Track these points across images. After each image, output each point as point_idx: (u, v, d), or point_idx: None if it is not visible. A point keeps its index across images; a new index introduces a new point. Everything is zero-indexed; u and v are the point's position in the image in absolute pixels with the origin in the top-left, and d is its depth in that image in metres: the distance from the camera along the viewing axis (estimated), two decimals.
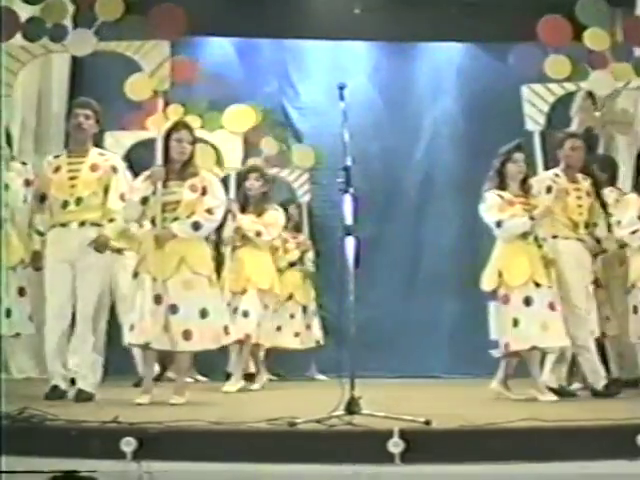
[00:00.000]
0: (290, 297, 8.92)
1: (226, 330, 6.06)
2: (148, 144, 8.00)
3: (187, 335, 5.88)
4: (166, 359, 7.33)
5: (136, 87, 7.77)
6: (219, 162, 9.00)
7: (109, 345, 7.07)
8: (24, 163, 6.89)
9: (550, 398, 6.27)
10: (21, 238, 6.78)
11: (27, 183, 6.61)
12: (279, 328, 8.70)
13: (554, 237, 6.71)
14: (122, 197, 6.17)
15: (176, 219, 6.04)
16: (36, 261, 6.53)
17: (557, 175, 6.86)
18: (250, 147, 9.29)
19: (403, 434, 4.08)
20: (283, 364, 8.97)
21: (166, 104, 8.34)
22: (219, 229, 7.23)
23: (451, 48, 9.94)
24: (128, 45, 6.89)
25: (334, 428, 4.31)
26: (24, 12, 7.19)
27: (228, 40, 9.98)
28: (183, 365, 6.15)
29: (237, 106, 9.20)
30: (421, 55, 10.11)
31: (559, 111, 8.10)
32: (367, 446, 4.14)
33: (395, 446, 4.06)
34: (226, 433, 4.34)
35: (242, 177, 7.84)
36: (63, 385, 6.14)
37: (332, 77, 8.89)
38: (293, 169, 9.59)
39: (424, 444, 4.12)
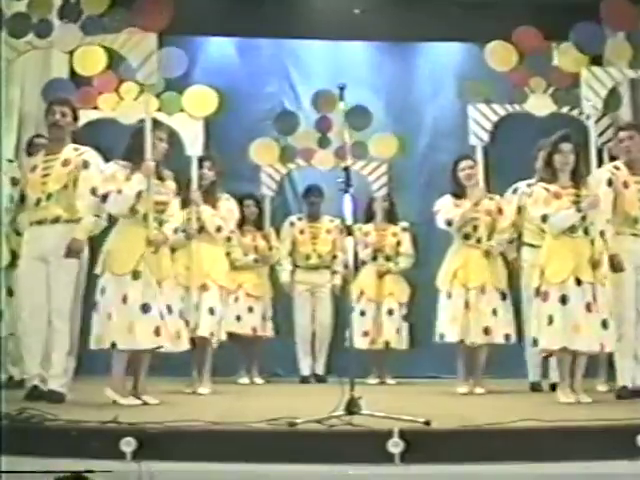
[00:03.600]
0: (361, 294, 8.57)
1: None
2: (100, 125, 8.00)
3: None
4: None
5: (85, 61, 7.67)
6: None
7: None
8: (10, 161, 6.86)
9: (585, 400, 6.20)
10: (6, 238, 6.79)
11: (14, 182, 6.58)
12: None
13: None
14: (93, 191, 6.07)
15: (163, 221, 6.11)
16: (14, 261, 6.51)
17: (617, 168, 6.65)
18: (322, 139, 8.99)
19: (403, 434, 4.08)
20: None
21: (119, 82, 8.28)
22: None
23: (451, 48, 9.94)
24: (114, 39, 6.85)
25: (334, 428, 4.32)
26: (8, 9, 7.15)
27: (228, 40, 9.98)
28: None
29: (199, 87, 8.43)
30: (421, 55, 10.11)
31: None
32: (367, 446, 4.14)
33: (395, 446, 4.06)
34: (226, 433, 4.34)
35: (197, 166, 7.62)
36: (42, 385, 6.08)
37: (332, 77, 8.88)
38: (369, 161, 8.96)
39: (424, 444, 4.12)
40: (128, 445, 4.08)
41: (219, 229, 7.37)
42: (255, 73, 9.87)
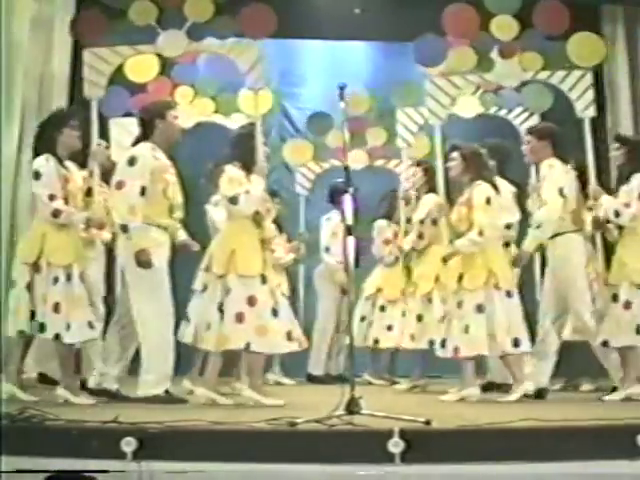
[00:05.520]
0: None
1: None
2: None
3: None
4: None
5: (138, 68, 7.68)
6: None
7: None
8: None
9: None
10: None
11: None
12: (390, 327, 8.35)
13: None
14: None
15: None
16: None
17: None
18: (354, 138, 9.01)
19: (403, 434, 4.08)
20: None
21: (174, 86, 8.33)
22: None
23: None
24: (221, 45, 6.89)
25: (334, 428, 4.32)
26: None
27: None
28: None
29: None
30: None
31: None
32: (367, 446, 4.14)
33: (395, 446, 4.06)
34: (226, 433, 4.34)
35: None
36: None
37: (332, 77, 8.88)
38: (402, 160, 8.83)
39: (424, 444, 4.12)
40: (128, 445, 4.08)
41: None
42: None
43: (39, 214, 6.01)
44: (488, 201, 6.42)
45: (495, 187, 6.52)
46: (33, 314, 5.88)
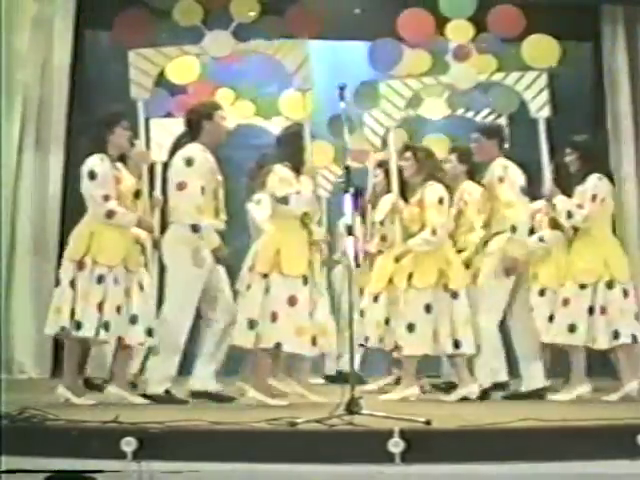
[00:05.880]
0: None
1: None
2: None
3: None
4: None
5: (180, 70, 7.63)
6: None
7: None
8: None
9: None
10: None
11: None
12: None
13: None
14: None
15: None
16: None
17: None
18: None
19: (403, 434, 4.08)
20: None
21: (215, 88, 8.30)
22: None
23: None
24: (267, 45, 6.89)
25: (334, 428, 4.32)
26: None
27: None
28: None
29: (294, 91, 8.58)
30: None
31: None
32: (367, 446, 4.14)
33: (395, 446, 4.06)
34: (226, 433, 4.34)
35: None
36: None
37: (332, 77, 8.86)
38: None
39: (424, 444, 4.12)
40: (129, 445, 4.08)
41: None
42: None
43: (91, 214, 5.92)
44: (441, 201, 6.41)
45: (448, 188, 6.51)
46: (73, 312, 5.79)
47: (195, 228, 5.93)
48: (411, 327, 6.27)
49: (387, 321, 6.67)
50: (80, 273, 5.80)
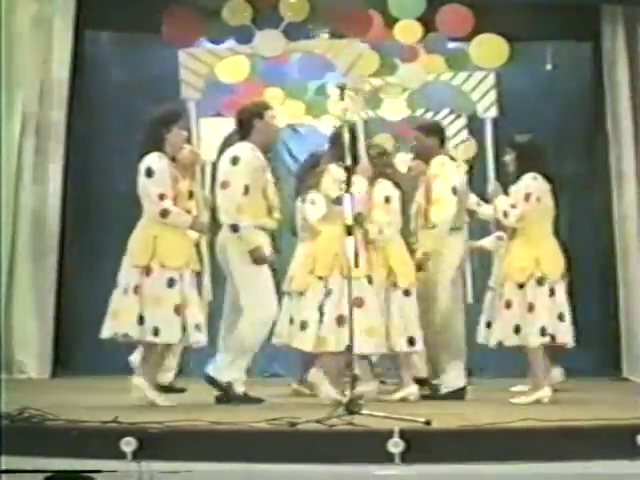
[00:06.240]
0: None
1: None
2: None
3: None
4: None
5: (230, 69, 7.64)
6: None
7: None
8: None
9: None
10: None
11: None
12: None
13: None
14: None
15: None
16: None
17: None
18: (400, 142, 8.70)
19: (403, 434, 4.08)
20: None
21: (264, 88, 8.28)
22: None
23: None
24: (318, 44, 6.87)
25: (334, 428, 4.32)
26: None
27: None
28: None
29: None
30: None
31: None
32: (367, 446, 4.14)
33: (395, 446, 4.06)
34: (226, 433, 4.34)
35: None
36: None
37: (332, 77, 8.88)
38: None
39: (424, 444, 4.12)
40: (128, 445, 4.08)
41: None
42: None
43: (147, 213, 5.86)
44: (387, 200, 6.39)
45: (398, 186, 6.45)
46: (141, 318, 5.68)
47: (234, 228, 5.89)
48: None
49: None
50: (147, 279, 5.69)
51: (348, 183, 5.05)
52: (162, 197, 5.77)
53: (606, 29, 8.78)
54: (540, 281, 6.14)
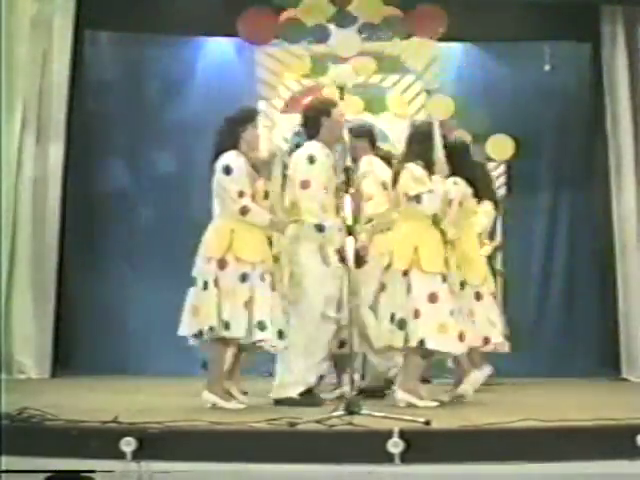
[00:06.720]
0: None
1: None
2: None
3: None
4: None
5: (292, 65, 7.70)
6: None
7: None
8: None
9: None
10: None
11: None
12: None
13: None
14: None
15: None
16: None
17: None
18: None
19: (403, 434, 4.08)
20: None
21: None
22: None
23: (451, 48, 9.93)
24: (393, 45, 6.88)
25: (334, 428, 4.32)
26: None
27: (227, 40, 9.96)
28: None
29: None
30: None
31: None
32: (367, 446, 4.14)
33: (395, 446, 4.07)
34: (226, 433, 4.34)
35: None
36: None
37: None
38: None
39: (424, 444, 4.13)
40: (128, 445, 4.08)
41: None
42: (254, 73, 9.86)
43: (226, 210, 5.78)
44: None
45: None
46: (219, 312, 5.57)
47: (320, 228, 5.84)
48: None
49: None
50: (222, 272, 5.61)
51: (348, 183, 5.04)
52: (241, 194, 5.70)
53: (606, 29, 8.77)
54: (462, 284, 6.21)
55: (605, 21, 8.79)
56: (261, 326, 5.58)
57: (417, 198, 5.90)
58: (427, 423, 4.36)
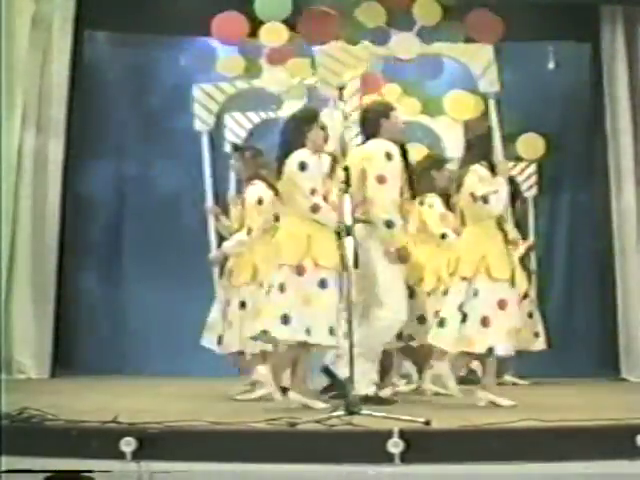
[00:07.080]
0: (525, 296, 7.85)
1: None
2: None
3: None
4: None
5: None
6: None
7: None
8: None
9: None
10: None
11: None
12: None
13: None
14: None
15: None
16: None
17: None
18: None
19: (403, 434, 4.08)
20: None
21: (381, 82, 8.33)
22: None
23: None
24: (452, 48, 6.92)
25: (334, 428, 4.32)
26: None
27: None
28: None
29: (459, 91, 8.44)
30: None
31: None
32: (367, 446, 4.13)
33: (395, 446, 4.06)
34: (226, 433, 4.34)
35: None
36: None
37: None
38: (516, 161, 8.61)
39: (424, 444, 4.12)
40: (128, 445, 4.07)
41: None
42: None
43: (295, 208, 5.70)
44: (260, 201, 6.42)
45: (273, 187, 6.19)
46: (286, 317, 5.53)
47: (389, 224, 5.79)
48: (231, 324, 6.36)
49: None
50: (299, 277, 5.55)
51: (347, 183, 5.04)
52: (314, 192, 5.63)
53: (606, 29, 8.79)
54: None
55: (605, 21, 8.80)
56: (332, 331, 5.57)
57: (484, 199, 5.86)
58: (427, 423, 4.35)
